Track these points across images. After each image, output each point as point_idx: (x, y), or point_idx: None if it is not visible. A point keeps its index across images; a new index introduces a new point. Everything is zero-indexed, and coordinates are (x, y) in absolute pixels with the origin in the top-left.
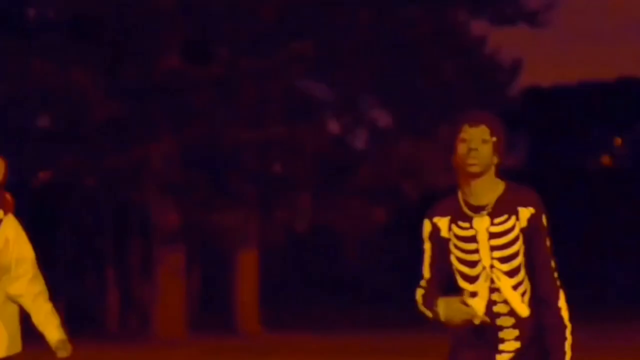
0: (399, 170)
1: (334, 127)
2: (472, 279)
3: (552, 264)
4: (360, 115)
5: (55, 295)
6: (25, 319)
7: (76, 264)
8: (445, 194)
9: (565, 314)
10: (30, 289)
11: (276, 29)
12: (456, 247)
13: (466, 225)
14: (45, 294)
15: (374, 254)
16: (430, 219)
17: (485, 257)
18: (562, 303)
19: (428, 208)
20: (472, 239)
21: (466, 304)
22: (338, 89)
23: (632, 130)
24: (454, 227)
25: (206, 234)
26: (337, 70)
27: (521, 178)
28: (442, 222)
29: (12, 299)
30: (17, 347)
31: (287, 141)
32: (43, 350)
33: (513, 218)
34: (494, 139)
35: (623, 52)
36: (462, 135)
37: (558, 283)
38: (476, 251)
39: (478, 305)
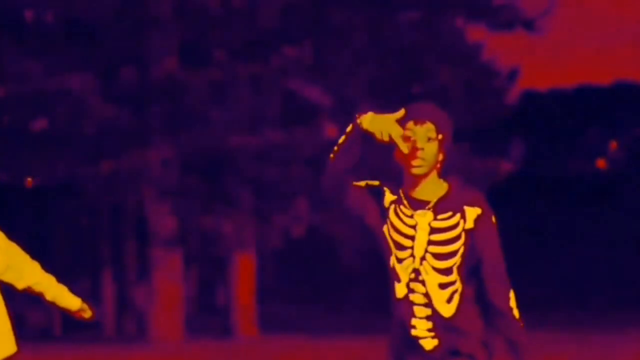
0: (396, 173)
1: (331, 131)
2: (399, 259)
3: (503, 264)
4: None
5: None
6: (20, 318)
7: (72, 267)
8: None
9: (516, 313)
10: (36, 272)
11: (273, 33)
12: (392, 225)
13: (409, 212)
14: (41, 267)
15: (371, 258)
16: (382, 182)
17: (419, 248)
18: (512, 303)
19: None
20: (412, 226)
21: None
22: (335, 93)
23: (628, 134)
24: (397, 206)
25: (203, 238)
26: (334, 75)
27: (517, 182)
28: (389, 195)
29: (29, 292)
30: (12, 348)
31: (284, 145)
32: (41, 351)
33: (458, 216)
34: (440, 136)
35: (620, 57)
36: (406, 132)
37: (508, 283)
38: (412, 238)
39: (399, 286)
